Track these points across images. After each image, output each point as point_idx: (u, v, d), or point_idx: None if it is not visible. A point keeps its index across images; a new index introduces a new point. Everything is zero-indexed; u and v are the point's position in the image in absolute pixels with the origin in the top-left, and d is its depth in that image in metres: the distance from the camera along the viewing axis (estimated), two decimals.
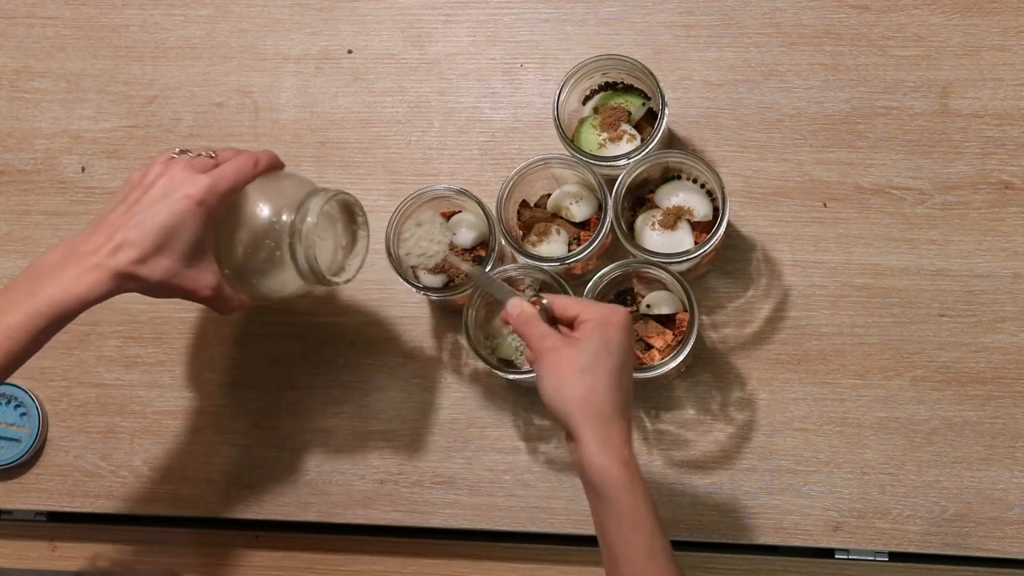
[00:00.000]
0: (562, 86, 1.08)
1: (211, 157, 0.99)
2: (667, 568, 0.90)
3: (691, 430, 1.13)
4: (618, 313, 0.93)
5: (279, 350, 1.19)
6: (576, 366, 0.90)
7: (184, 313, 1.20)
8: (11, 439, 1.19)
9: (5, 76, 1.27)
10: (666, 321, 1.08)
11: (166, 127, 1.24)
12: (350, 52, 1.23)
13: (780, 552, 1.13)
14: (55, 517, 1.22)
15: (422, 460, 1.16)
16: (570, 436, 0.91)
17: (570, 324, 0.94)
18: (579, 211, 1.10)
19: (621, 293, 1.10)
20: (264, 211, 0.99)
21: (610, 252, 1.13)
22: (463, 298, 1.08)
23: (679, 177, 1.10)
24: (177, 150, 0.99)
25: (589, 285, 1.04)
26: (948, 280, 1.11)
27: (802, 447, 1.11)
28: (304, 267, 0.98)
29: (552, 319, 0.95)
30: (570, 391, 0.90)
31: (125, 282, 0.93)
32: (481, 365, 1.13)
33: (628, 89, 1.12)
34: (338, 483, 1.17)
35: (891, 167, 1.13)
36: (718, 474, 1.12)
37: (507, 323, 0.96)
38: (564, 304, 0.95)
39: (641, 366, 1.05)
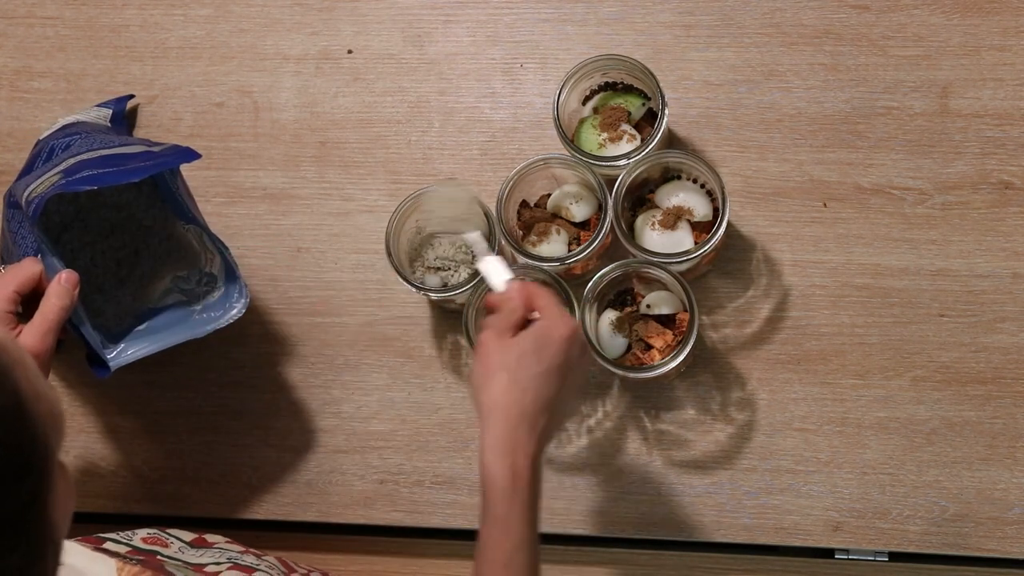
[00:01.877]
0: (562, 86, 1.08)
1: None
2: None
3: (691, 430, 1.13)
4: (565, 325, 0.90)
5: (279, 350, 1.19)
6: (500, 362, 0.89)
7: None
8: None
9: (5, 76, 1.27)
10: (666, 321, 1.08)
11: (166, 127, 1.24)
12: (350, 52, 1.23)
13: (780, 552, 1.13)
14: None
15: (422, 460, 1.16)
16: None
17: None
18: (579, 211, 1.10)
19: (621, 293, 1.10)
20: None
21: (610, 252, 1.12)
22: (463, 298, 1.08)
23: (679, 177, 1.10)
24: None
25: (589, 285, 1.04)
26: (948, 280, 1.11)
27: (802, 447, 1.11)
28: None
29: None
30: (487, 384, 0.88)
31: None
32: None
33: (628, 89, 1.12)
34: (338, 483, 1.17)
35: (891, 167, 1.13)
36: (718, 474, 1.12)
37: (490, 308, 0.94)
38: (534, 294, 0.93)
39: (641, 366, 1.06)
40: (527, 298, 0.92)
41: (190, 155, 1.04)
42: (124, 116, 1.22)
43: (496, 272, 0.95)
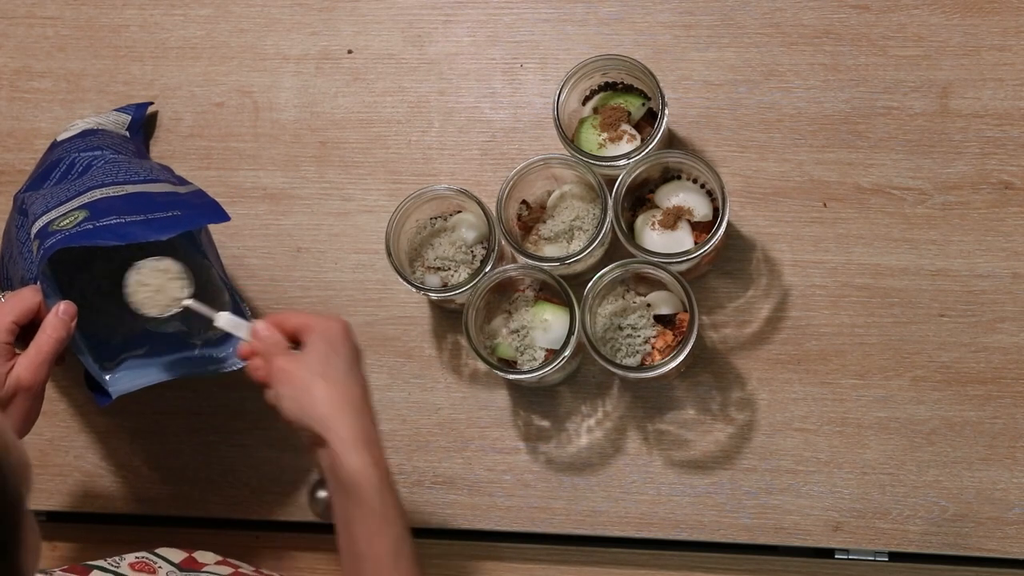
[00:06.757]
0: (562, 86, 1.08)
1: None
2: (412, 572, 0.90)
3: (691, 430, 1.13)
4: (336, 319, 0.94)
5: None
6: (310, 373, 0.91)
7: None
8: None
9: (5, 76, 1.27)
10: (666, 321, 1.08)
11: (166, 127, 1.24)
12: (350, 52, 1.23)
13: (780, 552, 1.13)
14: (55, 517, 1.22)
15: (422, 460, 1.16)
16: (318, 442, 0.91)
17: (293, 338, 0.95)
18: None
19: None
20: None
21: (610, 252, 1.13)
22: (463, 298, 1.08)
23: (679, 177, 1.10)
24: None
25: (589, 285, 1.04)
26: (948, 280, 1.11)
27: (802, 447, 1.11)
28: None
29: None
30: (310, 396, 0.90)
31: None
32: (481, 365, 1.13)
33: (628, 89, 1.12)
34: None
35: (891, 167, 1.13)
36: (718, 474, 1.12)
37: (247, 356, 0.96)
38: (281, 319, 0.95)
39: (641, 366, 1.05)
40: (276, 324, 0.95)
41: (219, 215, 1.03)
42: (141, 125, 1.22)
43: (235, 324, 0.98)
